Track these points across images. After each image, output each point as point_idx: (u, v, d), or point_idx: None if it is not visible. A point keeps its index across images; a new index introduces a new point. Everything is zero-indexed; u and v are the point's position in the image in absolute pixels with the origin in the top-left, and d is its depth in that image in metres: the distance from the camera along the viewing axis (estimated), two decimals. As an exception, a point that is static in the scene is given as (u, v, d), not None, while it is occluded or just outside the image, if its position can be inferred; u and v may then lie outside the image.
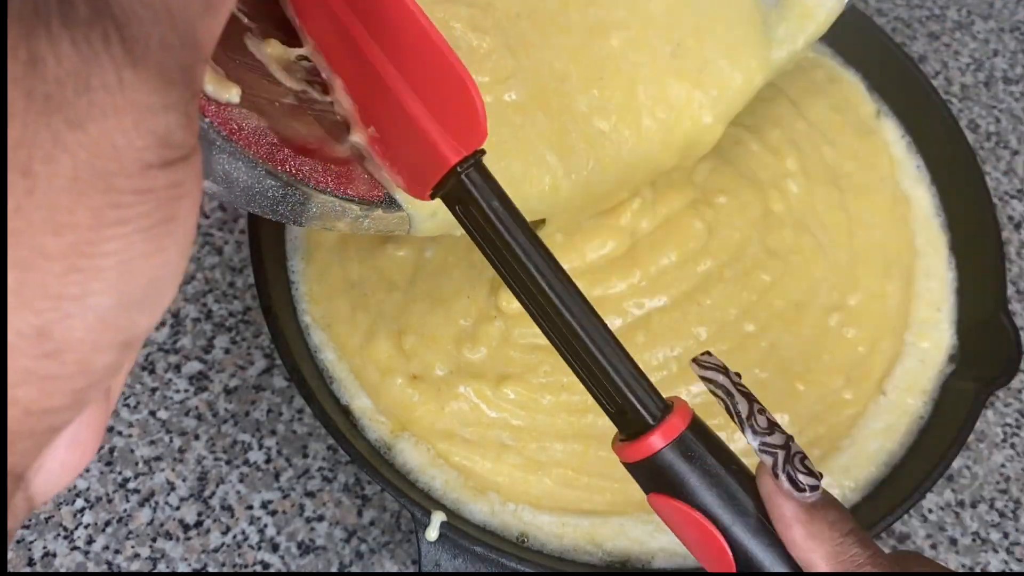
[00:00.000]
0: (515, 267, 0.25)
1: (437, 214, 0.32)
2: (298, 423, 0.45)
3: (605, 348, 0.25)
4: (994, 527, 0.45)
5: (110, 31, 0.14)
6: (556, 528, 0.39)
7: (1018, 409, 0.48)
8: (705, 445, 0.25)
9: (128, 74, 0.14)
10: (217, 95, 0.26)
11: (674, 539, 0.38)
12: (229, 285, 0.49)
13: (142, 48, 0.15)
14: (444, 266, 0.44)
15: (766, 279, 0.44)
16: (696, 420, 0.25)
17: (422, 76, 0.25)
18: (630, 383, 0.25)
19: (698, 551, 0.25)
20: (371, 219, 0.31)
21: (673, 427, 0.24)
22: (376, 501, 0.44)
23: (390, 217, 0.31)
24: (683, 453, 0.24)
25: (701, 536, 0.25)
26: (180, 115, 0.15)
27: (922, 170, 0.49)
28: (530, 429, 0.41)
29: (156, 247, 0.15)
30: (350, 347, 0.42)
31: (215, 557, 0.42)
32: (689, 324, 0.42)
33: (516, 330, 0.42)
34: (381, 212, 0.31)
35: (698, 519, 0.24)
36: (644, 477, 0.25)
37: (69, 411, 0.16)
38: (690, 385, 0.41)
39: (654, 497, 0.25)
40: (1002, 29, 0.62)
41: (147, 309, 0.16)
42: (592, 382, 0.25)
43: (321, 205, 0.29)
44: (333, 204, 0.29)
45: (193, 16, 0.16)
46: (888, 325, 0.44)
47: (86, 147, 0.14)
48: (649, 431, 0.24)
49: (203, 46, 0.16)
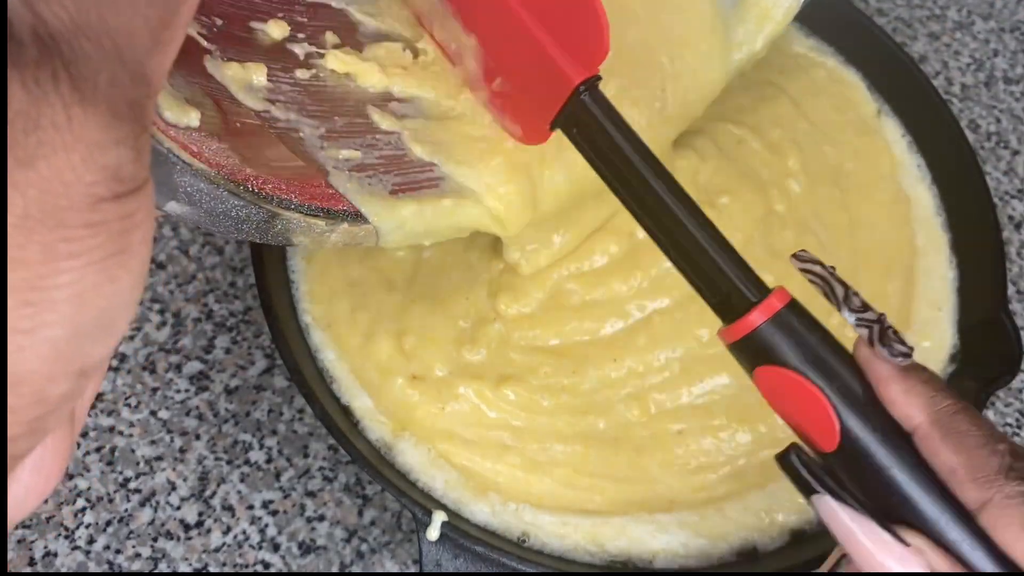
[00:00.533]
0: (630, 178, 0.28)
1: (404, 225, 0.33)
2: (299, 423, 0.45)
3: (713, 243, 0.28)
4: (994, 527, 0.45)
5: (59, 70, 0.15)
6: (557, 528, 0.39)
7: (1018, 409, 0.48)
8: (803, 322, 0.27)
9: (77, 112, 0.15)
10: (177, 120, 0.26)
11: (675, 538, 0.39)
12: (230, 285, 0.49)
13: (91, 86, 0.15)
14: (442, 267, 0.44)
15: (769, 280, 0.44)
16: (794, 301, 0.27)
17: (548, 4, 0.28)
18: (736, 271, 0.28)
19: (802, 420, 0.27)
20: (337, 233, 0.31)
21: (772, 305, 0.27)
22: (377, 501, 0.44)
23: (356, 230, 0.32)
24: (784, 326, 0.27)
25: (806, 402, 0.26)
26: (130, 149, 0.15)
27: (923, 169, 0.49)
28: (530, 430, 0.41)
29: (109, 278, 0.16)
30: (350, 347, 0.42)
31: (216, 557, 0.42)
32: (691, 325, 0.42)
33: (516, 333, 0.42)
34: (347, 226, 0.31)
35: (803, 383, 0.26)
36: (748, 353, 0.27)
37: (27, 440, 0.16)
38: (691, 386, 0.41)
39: (760, 371, 0.27)
40: (1002, 29, 0.62)
41: (101, 339, 0.16)
42: (700, 276, 0.28)
43: (286, 222, 0.29)
44: (299, 221, 0.30)
45: (141, 53, 0.16)
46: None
47: (36, 185, 0.14)
48: (752, 308, 0.27)
49: (152, 81, 0.17)
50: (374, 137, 0.33)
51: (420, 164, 0.33)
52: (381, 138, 0.33)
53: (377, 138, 0.33)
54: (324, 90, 0.33)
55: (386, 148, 0.33)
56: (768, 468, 0.41)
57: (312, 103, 0.32)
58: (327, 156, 0.31)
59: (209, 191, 0.27)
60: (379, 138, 0.33)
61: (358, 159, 0.32)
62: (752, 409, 0.41)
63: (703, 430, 0.41)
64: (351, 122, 0.33)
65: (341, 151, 0.32)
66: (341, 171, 0.31)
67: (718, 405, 0.41)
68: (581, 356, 0.42)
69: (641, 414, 0.41)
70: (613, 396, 0.41)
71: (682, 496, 0.40)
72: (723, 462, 0.41)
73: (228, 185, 0.27)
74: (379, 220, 0.32)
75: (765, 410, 0.41)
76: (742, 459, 0.41)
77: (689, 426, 0.41)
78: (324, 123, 0.32)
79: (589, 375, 0.41)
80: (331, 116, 0.32)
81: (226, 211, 0.28)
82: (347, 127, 0.32)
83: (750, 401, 0.41)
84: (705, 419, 0.41)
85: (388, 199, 0.32)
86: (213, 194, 0.27)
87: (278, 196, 0.29)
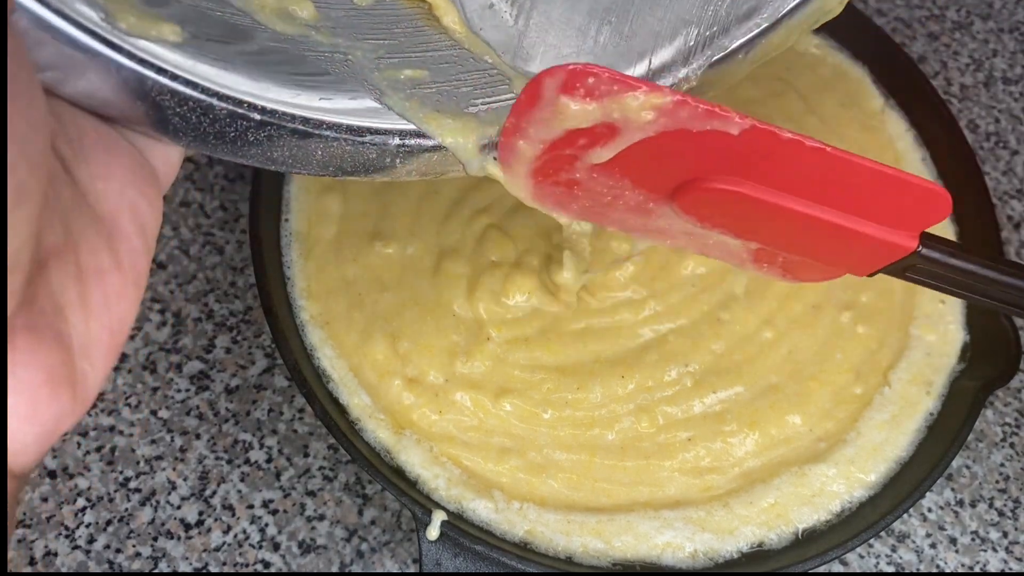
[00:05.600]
0: (982, 288, 0.31)
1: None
2: (299, 422, 0.45)
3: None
4: (993, 526, 0.45)
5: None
6: (563, 526, 0.39)
7: (1018, 409, 0.48)
8: None
9: None
10: (142, 32, 0.22)
11: (679, 534, 0.39)
12: (230, 285, 0.49)
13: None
14: (422, 270, 0.44)
15: (786, 285, 0.44)
16: None
17: (861, 199, 0.28)
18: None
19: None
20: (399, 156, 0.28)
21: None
22: (377, 500, 0.44)
23: (429, 155, 0.28)
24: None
25: None
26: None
27: (927, 163, 0.50)
28: (532, 438, 0.40)
29: None
30: (348, 345, 0.42)
31: (216, 556, 0.42)
32: (707, 341, 0.43)
33: (513, 354, 0.42)
34: (416, 148, 0.28)
35: None
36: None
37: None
38: (705, 398, 0.41)
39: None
40: (1002, 29, 0.62)
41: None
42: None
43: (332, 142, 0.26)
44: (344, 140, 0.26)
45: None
46: (895, 320, 0.45)
47: None
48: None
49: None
50: (443, 53, 0.29)
51: (495, 77, 0.30)
52: (452, 52, 0.30)
53: (445, 53, 0.29)
54: (389, 13, 0.29)
55: (458, 63, 0.29)
56: (777, 465, 0.41)
57: (372, 26, 0.28)
58: (381, 78, 0.28)
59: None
60: (448, 53, 0.29)
61: (424, 78, 0.28)
62: (765, 413, 0.41)
63: (713, 435, 0.41)
64: (417, 40, 0.29)
65: (403, 71, 0.28)
66: (399, 91, 0.28)
67: (730, 412, 0.41)
68: (586, 373, 0.42)
69: (649, 425, 0.41)
70: (619, 410, 0.41)
71: (689, 496, 0.40)
72: (732, 464, 0.41)
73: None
74: (448, 137, 0.28)
75: (778, 413, 0.41)
76: (751, 460, 0.41)
77: (699, 433, 0.41)
78: (385, 44, 0.28)
79: (594, 391, 0.41)
80: (394, 36, 0.29)
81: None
82: (412, 45, 0.29)
83: (762, 406, 0.42)
84: (716, 425, 0.41)
85: (461, 115, 0.28)
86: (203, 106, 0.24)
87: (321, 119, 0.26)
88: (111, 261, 0.21)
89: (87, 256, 0.21)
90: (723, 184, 0.26)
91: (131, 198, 0.22)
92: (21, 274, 0.17)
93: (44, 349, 0.19)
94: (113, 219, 0.22)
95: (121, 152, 0.23)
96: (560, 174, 0.28)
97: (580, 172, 0.27)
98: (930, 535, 0.45)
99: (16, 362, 0.18)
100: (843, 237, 0.29)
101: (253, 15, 0.26)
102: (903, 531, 0.45)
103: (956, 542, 0.45)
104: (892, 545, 0.44)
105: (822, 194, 0.27)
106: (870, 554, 0.44)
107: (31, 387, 0.18)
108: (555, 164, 0.27)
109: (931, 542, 0.44)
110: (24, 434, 0.18)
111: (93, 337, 0.20)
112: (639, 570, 0.38)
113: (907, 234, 0.29)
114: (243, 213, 0.51)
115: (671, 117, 0.24)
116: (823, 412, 0.42)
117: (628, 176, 0.27)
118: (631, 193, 0.28)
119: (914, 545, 0.44)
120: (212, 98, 0.23)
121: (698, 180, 0.27)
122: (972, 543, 0.45)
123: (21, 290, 0.18)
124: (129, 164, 0.23)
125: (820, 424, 0.42)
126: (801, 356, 0.43)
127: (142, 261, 0.22)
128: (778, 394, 0.42)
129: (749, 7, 0.31)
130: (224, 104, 0.24)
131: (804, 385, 0.42)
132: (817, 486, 0.40)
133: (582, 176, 0.27)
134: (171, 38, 0.23)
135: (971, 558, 0.44)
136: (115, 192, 0.22)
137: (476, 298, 0.43)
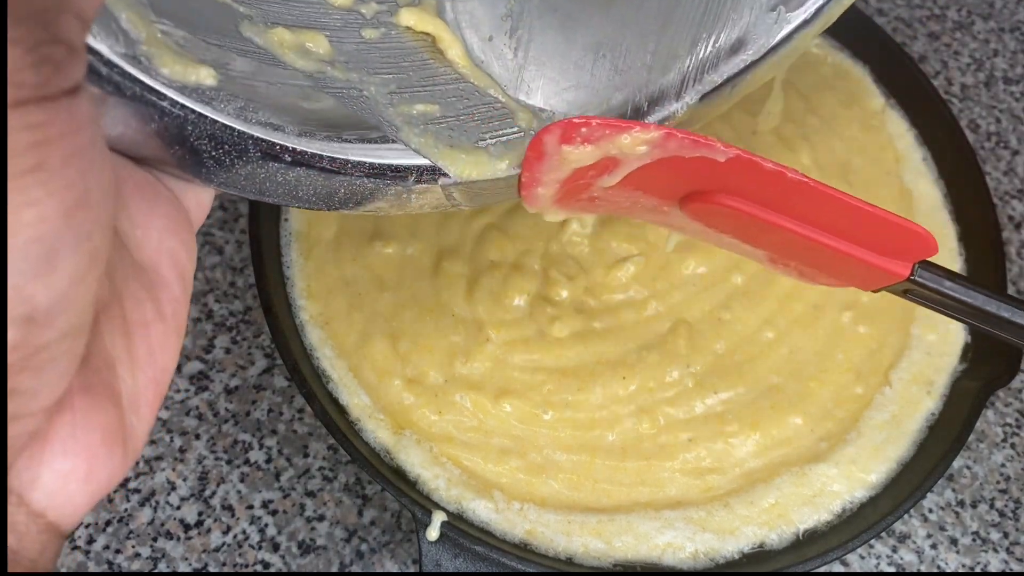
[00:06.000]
0: (980, 316, 0.31)
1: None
2: (299, 423, 0.45)
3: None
4: (994, 527, 0.45)
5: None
6: (563, 526, 0.39)
7: (1018, 409, 0.48)
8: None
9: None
10: (181, 78, 0.23)
11: (680, 535, 0.39)
12: (230, 285, 0.49)
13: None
14: (423, 270, 0.44)
15: (787, 284, 0.44)
16: None
17: (852, 229, 0.29)
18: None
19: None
20: (415, 193, 0.29)
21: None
22: (377, 500, 0.44)
23: (436, 190, 0.29)
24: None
25: None
26: (26, 52, 0.14)
27: (928, 162, 0.50)
28: (532, 439, 0.40)
29: (27, 200, 0.14)
30: (347, 345, 0.42)
31: (216, 557, 0.42)
32: (708, 341, 0.42)
33: (512, 356, 0.42)
34: (424, 185, 0.29)
35: None
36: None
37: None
38: (706, 398, 0.41)
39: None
40: (1002, 29, 0.62)
41: (39, 276, 0.15)
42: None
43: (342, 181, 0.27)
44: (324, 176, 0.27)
45: None
46: (896, 319, 0.44)
47: None
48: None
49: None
50: (451, 87, 0.30)
51: (500, 111, 0.31)
52: (458, 86, 0.30)
53: (452, 87, 0.30)
54: (396, 46, 0.30)
55: (465, 97, 0.30)
56: (778, 465, 0.41)
57: (381, 60, 0.29)
58: (396, 113, 0.29)
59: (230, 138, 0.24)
60: (455, 87, 0.30)
61: (435, 113, 0.29)
62: (766, 413, 0.41)
63: (715, 436, 0.41)
64: (425, 74, 0.30)
65: (415, 106, 0.29)
66: (414, 126, 0.28)
67: (731, 413, 0.41)
68: (587, 374, 0.41)
69: (651, 426, 0.41)
70: (620, 411, 0.41)
71: (690, 496, 0.40)
72: (733, 464, 0.41)
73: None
74: (463, 172, 0.29)
75: (779, 413, 0.41)
76: (752, 461, 0.41)
77: (700, 433, 0.41)
78: (395, 78, 0.29)
79: (595, 392, 0.41)
80: (403, 70, 0.30)
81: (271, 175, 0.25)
82: (421, 80, 0.30)
83: (764, 406, 0.41)
84: (717, 426, 0.41)
85: (473, 150, 0.29)
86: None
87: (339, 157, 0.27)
88: (155, 312, 0.21)
89: (132, 309, 0.20)
90: (722, 199, 0.29)
91: (170, 245, 0.22)
92: (86, 335, 0.17)
93: (99, 408, 0.18)
94: (154, 268, 0.21)
95: (159, 199, 0.22)
96: (580, 195, 0.30)
97: (596, 192, 0.30)
98: (931, 535, 0.45)
99: (76, 424, 0.18)
100: (839, 257, 0.30)
101: (273, 51, 0.26)
102: (904, 531, 0.45)
103: (957, 543, 0.44)
104: (893, 545, 0.44)
105: (813, 218, 0.29)
106: (871, 555, 0.44)
107: (88, 449, 0.18)
108: (573, 191, 0.30)
109: (932, 543, 0.44)
110: (81, 495, 0.18)
111: (140, 390, 0.20)
112: (640, 570, 0.38)
113: (900, 262, 0.30)
114: (243, 213, 0.51)
115: (662, 148, 0.27)
116: (824, 412, 0.42)
117: (639, 189, 0.30)
118: (645, 200, 0.31)
119: (915, 545, 0.44)
120: (247, 141, 0.24)
121: (699, 193, 0.29)
122: (973, 544, 0.44)
123: (83, 352, 0.17)
124: (167, 211, 0.22)
125: (821, 424, 0.42)
126: (802, 356, 0.43)
127: (183, 309, 0.22)
128: (779, 394, 0.42)
129: (736, 42, 0.32)
130: (259, 146, 0.24)
131: (805, 385, 0.42)
132: (818, 486, 0.40)
133: (599, 194, 0.30)
134: (208, 82, 0.23)
135: (972, 559, 0.44)
136: (154, 240, 0.21)
137: (475, 299, 0.42)
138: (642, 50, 0.31)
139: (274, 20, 0.27)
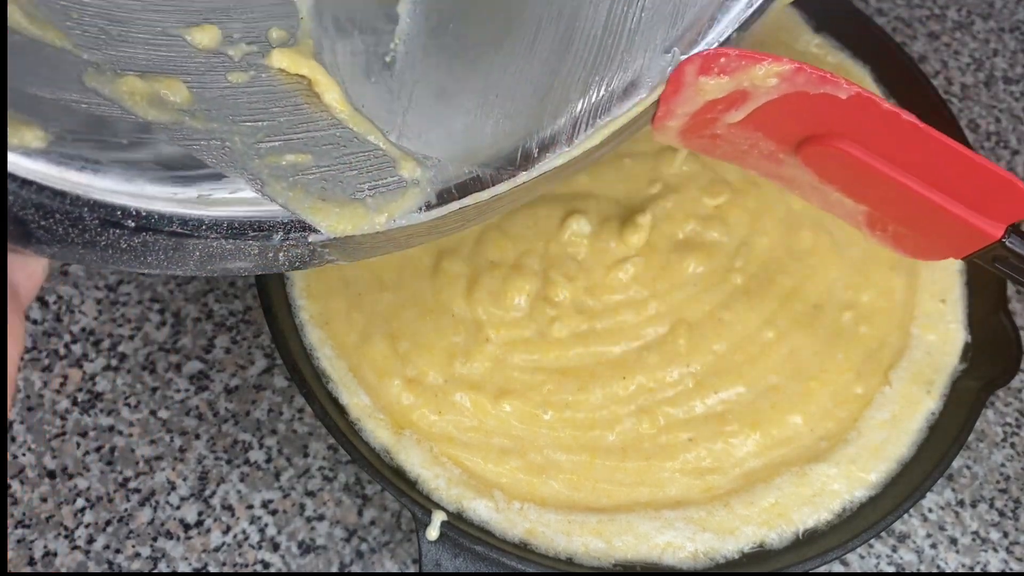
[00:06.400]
0: None
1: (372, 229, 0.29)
2: (298, 422, 0.45)
3: None
4: (994, 527, 0.45)
5: None
6: (563, 526, 0.39)
7: (1018, 409, 0.48)
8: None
9: None
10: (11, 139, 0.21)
11: (680, 534, 0.39)
12: (230, 285, 0.49)
13: None
14: (421, 269, 0.44)
15: (787, 284, 0.44)
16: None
17: (953, 180, 0.30)
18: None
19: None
20: (280, 251, 0.27)
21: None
22: (376, 500, 0.44)
23: (303, 248, 0.27)
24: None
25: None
26: None
27: None
28: (532, 439, 0.40)
29: None
30: (347, 345, 0.42)
31: (216, 556, 0.42)
32: (708, 341, 0.42)
33: (512, 356, 0.42)
34: (290, 242, 0.27)
35: None
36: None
37: None
38: (706, 398, 0.41)
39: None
40: (1002, 29, 0.62)
41: None
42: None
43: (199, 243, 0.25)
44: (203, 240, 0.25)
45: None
46: (895, 319, 0.45)
47: None
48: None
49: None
50: (326, 133, 0.28)
51: (381, 159, 0.29)
52: (334, 132, 0.28)
53: (328, 133, 0.28)
54: (267, 90, 0.27)
55: (342, 144, 0.28)
56: (778, 465, 0.41)
57: (249, 106, 0.27)
58: (262, 165, 0.26)
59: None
60: (331, 133, 0.28)
61: (307, 163, 0.27)
62: (766, 413, 0.41)
63: (715, 436, 0.41)
64: (298, 120, 0.27)
65: (285, 156, 0.27)
66: (282, 179, 0.26)
67: (732, 413, 0.41)
68: (587, 375, 0.41)
69: (651, 426, 0.41)
70: (620, 411, 0.41)
71: (690, 496, 0.40)
72: (733, 464, 0.41)
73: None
74: (336, 227, 0.27)
75: (779, 413, 0.41)
76: (752, 460, 0.41)
77: (700, 433, 0.41)
78: (265, 125, 0.27)
79: (595, 392, 0.41)
80: (273, 116, 0.27)
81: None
82: (293, 126, 0.27)
83: (764, 406, 0.41)
84: (717, 426, 0.41)
85: (348, 203, 0.28)
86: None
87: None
88: None
89: None
90: (835, 143, 0.31)
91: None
92: None
93: None
94: None
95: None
96: (704, 131, 0.32)
97: (720, 129, 0.32)
98: (931, 535, 0.45)
99: None
100: (934, 212, 0.31)
101: (121, 103, 0.23)
102: (904, 531, 0.45)
103: (957, 542, 0.44)
104: (893, 545, 0.44)
105: (917, 167, 0.31)
106: (871, 554, 0.44)
107: None
108: (699, 125, 0.32)
109: (932, 542, 0.44)
110: None
111: None
112: (640, 570, 0.38)
113: (994, 222, 0.31)
114: (243, 213, 0.51)
115: (791, 81, 0.29)
116: (824, 412, 0.42)
117: (760, 130, 0.32)
118: (764, 143, 0.33)
119: (915, 545, 0.44)
120: (82, 208, 0.22)
121: (816, 137, 0.31)
122: (973, 543, 0.44)
123: None
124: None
125: (821, 424, 0.42)
126: (802, 356, 0.43)
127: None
128: (779, 394, 0.42)
129: (628, 85, 0.30)
130: (96, 213, 0.22)
131: (805, 385, 0.42)
132: (818, 486, 0.40)
133: (722, 131, 0.32)
134: (35, 144, 0.21)
135: (972, 558, 0.44)
136: None
137: (475, 300, 0.42)
138: (533, 95, 0.30)
139: (124, 67, 0.23)
